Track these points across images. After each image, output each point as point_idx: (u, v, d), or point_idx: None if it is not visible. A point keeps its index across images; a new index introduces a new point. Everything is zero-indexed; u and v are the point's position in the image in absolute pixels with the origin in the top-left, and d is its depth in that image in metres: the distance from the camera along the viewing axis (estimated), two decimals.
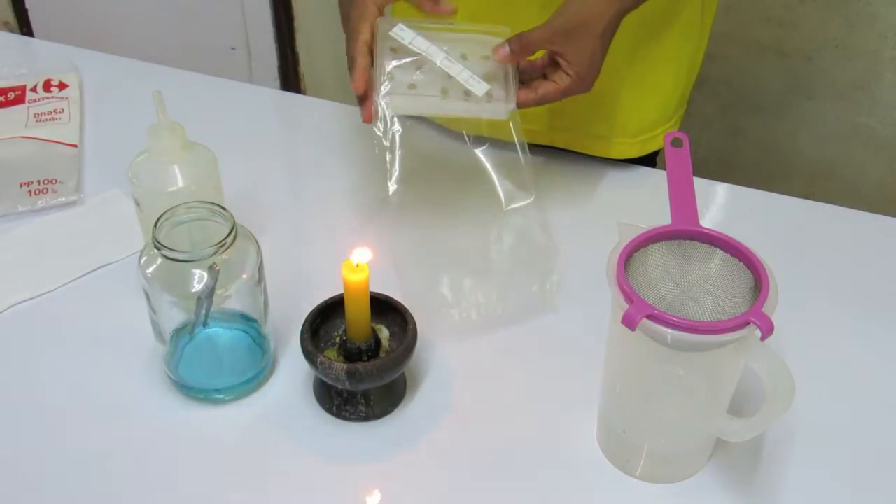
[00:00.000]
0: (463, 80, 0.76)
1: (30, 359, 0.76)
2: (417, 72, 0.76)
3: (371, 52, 0.76)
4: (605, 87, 0.91)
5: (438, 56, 0.76)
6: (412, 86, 0.76)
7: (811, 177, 1.62)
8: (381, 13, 0.77)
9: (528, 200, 0.79)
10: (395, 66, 0.76)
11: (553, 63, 0.77)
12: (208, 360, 0.74)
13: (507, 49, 0.76)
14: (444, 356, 0.76)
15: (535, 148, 0.97)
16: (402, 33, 0.76)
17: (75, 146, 0.97)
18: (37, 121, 1.00)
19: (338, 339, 0.71)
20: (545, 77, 0.78)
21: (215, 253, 0.65)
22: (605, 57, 0.78)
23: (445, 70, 0.76)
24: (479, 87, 0.76)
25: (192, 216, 0.68)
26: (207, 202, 0.68)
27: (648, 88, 0.93)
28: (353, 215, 0.91)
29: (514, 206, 0.79)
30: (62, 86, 1.05)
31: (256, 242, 0.69)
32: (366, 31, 0.76)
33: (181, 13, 1.96)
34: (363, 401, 0.70)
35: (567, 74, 0.76)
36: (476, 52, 0.78)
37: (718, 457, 0.69)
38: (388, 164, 0.76)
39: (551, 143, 0.97)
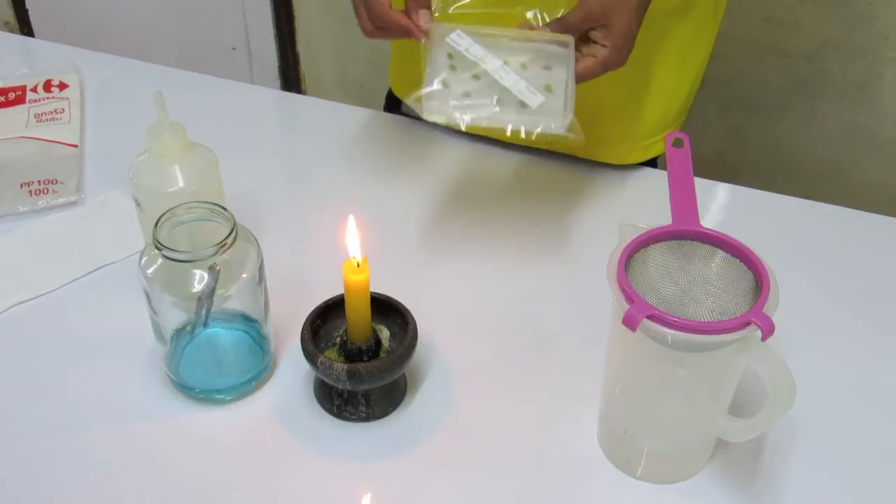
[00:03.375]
0: (517, 92, 0.72)
1: (30, 359, 0.76)
2: (473, 81, 0.73)
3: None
4: (610, 93, 0.90)
5: (494, 65, 0.73)
6: (465, 94, 0.73)
7: (812, 177, 1.62)
8: None
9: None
10: (450, 75, 0.73)
11: (583, 40, 0.76)
12: (209, 360, 0.74)
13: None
14: (444, 356, 0.76)
15: (536, 151, 0.97)
16: (460, 40, 0.74)
17: (76, 146, 0.97)
18: (37, 121, 1.00)
19: (338, 340, 0.71)
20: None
21: (216, 253, 0.65)
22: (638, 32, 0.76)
23: (499, 80, 0.72)
24: (534, 99, 0.72)
25: (192, 216, 0.68)
26: (208, 202, 0.68)
27: (653, 95, 0.93)
28: (354, 215, 0.90)
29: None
30: (63, 86, 1.05)
31: (257, 242, 0.69)
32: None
33: (182, 13, 1.96)
34: (364, 401, 0.70)
35: (604, 46, 0.74)
36: (537, 62, 0.75)
37: (719, 457, 0.69)
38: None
39: (551, 148, 0.97)
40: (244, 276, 0.68)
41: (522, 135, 0.72)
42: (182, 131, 0.74)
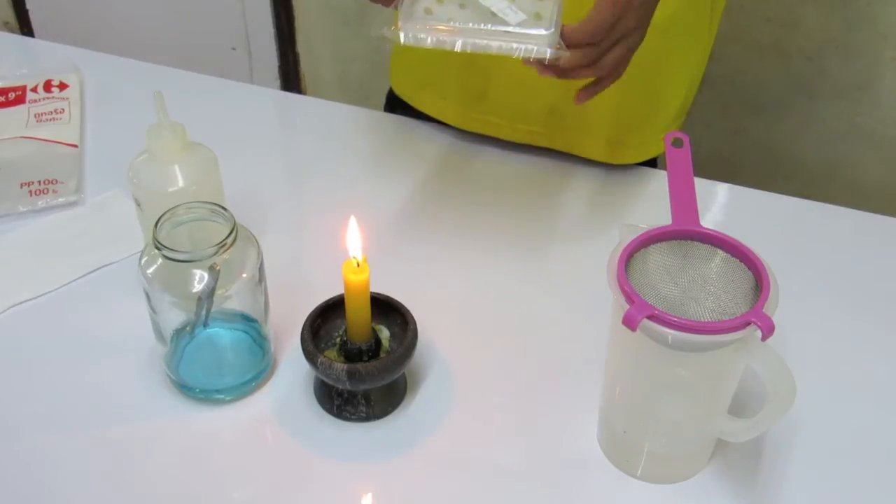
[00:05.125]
0: (498, 10, 0.69)
1: (30, 359, 0.76)
2: (458, 10, 0.71)
3: None
4: (608, 94, 0.90)
5: None
6: (449, 20, 0.70)
7: (811, 177, 1.62)
8: None
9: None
10: (436, 5, 0.71)
11: None
12: (209, 360, 0.74)
13: None
14: (444, 356, 0.76)
15: (535, 149, 0.97)
16: None
17: (76, 146, 0.97)
18: (37, 121, 1.00)
19: (338, 340, 0.71)
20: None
21: (216, 253, 0.65)
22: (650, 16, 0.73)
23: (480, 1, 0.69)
24: (514, 17, 0.69)
25: (192, 216, 0.68)
26: (208, 202, 0.68)
27: (652, 96, 0.93)
28: (354, 215, 0.91)
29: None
30: (63, 86, 1.05)
31: (257, 242, 0.69)
32: None
33: (181, 13, 1.96)
34: (364, 401, 0.70)
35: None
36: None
37: (719, 457, 0.69)
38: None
39: (550, 146, 0.97)
40: (244, 276, 0.68)
41: (492, 50, 0.69)
42: (182, 131, 0.74)
